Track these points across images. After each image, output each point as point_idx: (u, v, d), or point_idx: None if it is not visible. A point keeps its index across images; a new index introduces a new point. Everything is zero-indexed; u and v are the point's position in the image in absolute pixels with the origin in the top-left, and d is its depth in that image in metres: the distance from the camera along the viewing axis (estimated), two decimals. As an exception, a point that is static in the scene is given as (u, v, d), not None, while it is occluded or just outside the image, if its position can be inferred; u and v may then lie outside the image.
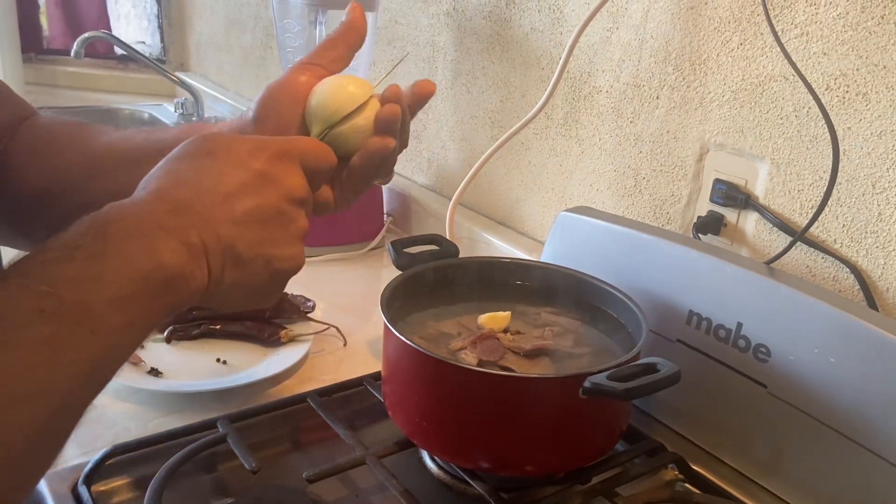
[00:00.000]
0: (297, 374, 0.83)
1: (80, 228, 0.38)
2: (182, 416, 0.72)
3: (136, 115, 2.00)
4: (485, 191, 1.16)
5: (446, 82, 1.21)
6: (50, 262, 0.36)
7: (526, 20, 1.04)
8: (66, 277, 0.36)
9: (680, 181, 0.86)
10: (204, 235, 0.41)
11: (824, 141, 0.70)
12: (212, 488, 0.65)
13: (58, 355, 0.34)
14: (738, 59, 0.77)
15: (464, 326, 0.71)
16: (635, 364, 0.58)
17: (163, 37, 2.26)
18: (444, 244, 0.78)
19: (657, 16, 0.85)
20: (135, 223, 0.39)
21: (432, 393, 0.62)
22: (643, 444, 0.70)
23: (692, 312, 0.70)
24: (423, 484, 0.66)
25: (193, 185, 0.42)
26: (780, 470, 0.65)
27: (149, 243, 0.39)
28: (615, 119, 0.93)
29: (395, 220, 1.29)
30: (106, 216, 0.39)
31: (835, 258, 0.71)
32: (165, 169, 0.44)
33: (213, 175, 0.43)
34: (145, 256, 0.38)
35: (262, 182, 0.44)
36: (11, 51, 1.99)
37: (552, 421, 0.60)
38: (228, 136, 0.46)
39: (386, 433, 0.70)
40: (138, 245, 0.38)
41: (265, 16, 1.77)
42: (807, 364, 0.62)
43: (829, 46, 0.69)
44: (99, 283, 0.36)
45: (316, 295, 0.95)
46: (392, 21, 1.32)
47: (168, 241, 0.39)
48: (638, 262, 0.75)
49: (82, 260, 0.36)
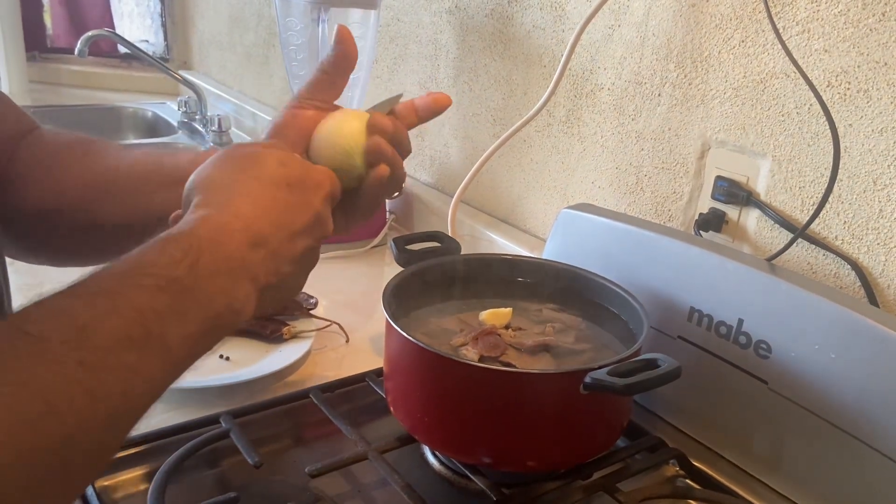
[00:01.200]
0: (299, 370, 0.83)
1: (175, 253, 0.39)
2: (185, 411, 0.72)
3: (140, 113, 2.00)
4: (487, 188, 1.16)
5: (448, 80, 1.21)
6: (145, 287, 0.37)
7: (528, 18, 1.04)
8: (155, 309, 0.37)
9: (681, 178, 0.86)
10: (270, 274, 0.44)
11: (825, 138, 0.70)
12: (215, 483, 0.65)
13: (132, 384, 0.36)
14: (740, 56, 0.77)
15: (465, 323, 0.71)
16: (636, 360, 0.58)
17: (166, 35, 2.26)
18: (445, 241, 0.78)
19: (659, 13, 0.85)
20: (224, 258, 0.41)
21: (434, 389, 0.63)
22: (644, 440, 0.70)
23: (693, 309, 0.70)
24: (425, 479, 0.66)
25: (270, 219, 0.44)
26: (780, 466, 0.65)
27: (231, 283, 0.41)
28: (617, 116, 0.93)
29: (397, 218, 1.30)
30: (200, 243, 0.40)
31: (836, 255, 0.71)
32: (244, 185, 0.44)
33: (287, 211, 0.45)
34: (223, 297, 0.40)
35: (317, 224, 0.47)
36: (15, 49, 2.00)
37: (553, 417, 0.60)
38: (297, 163, 0.48)
39: (388, 429, 0.70)
40: (221, 283, 0.40)
41: (268, 14, 1.77)
42: (808, 360, 0.62)
43: (831, 43, 0.69)
44: (181, 320, 0.38)
45: (318, 292, 0.95)
46: (394, 19, 1.32)
47: (244, 283, 0.42)
48: (639, 259, 0.75)
49: (174, 293, 0.38)
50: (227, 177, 0.45)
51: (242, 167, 0.45)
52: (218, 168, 0.46)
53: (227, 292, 0.40)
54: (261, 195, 0.44)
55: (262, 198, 0.44)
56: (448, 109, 0.59)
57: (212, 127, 1.68)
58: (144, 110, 2.00)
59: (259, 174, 0.45)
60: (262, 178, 0.45)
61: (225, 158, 0.46)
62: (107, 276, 0.37)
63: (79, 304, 0.35)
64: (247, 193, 0.44)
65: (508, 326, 0.70)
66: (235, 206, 0.43)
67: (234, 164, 0.46)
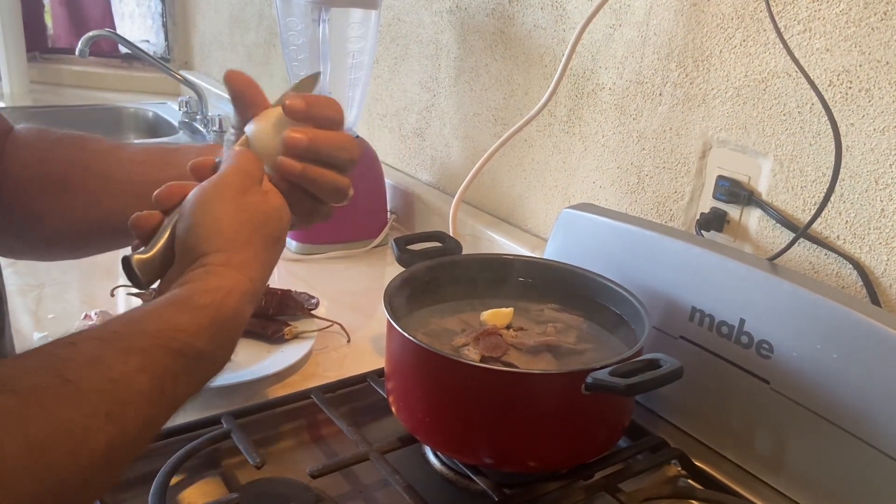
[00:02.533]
0: (300, 370, 0.83)
1: (203, 321, 0.43)
2: (186, 412, 0.71)
3: (141, 113, 2.01)
4: (488, 188, 1.16)
5: (449, 80, 1.21)
6: (171, 351, 0.41)
7: (529, 17, 1.04)
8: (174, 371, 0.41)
9: (683, 178, 0.86)
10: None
11: (827, 137, 0.70)
12: (216, 484, 0.65)
13: (144, 436, 0.40)
14: (741, 55, 0.77)
15: (467, 323, 0.71)
16: (638, 360, 0.58)
17: (167, 35, 2.27)
18: (447, 241, 0.78)
19: (660, 13, 0.85)
20: (239, 325, 0.46)
21: (435, 389, 0.63)
22: (646, 441, 0.70)
23: (695, 309, 0.70)
24: (426, 480, 0.66)
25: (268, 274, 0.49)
26: (782, 466, 0.65)
27: (234, 343, 0.46)
28: (618, 116, 0.93)
29: (398, 218, 1.30)
30: (224, 317, 0.44)
31: (838, 254, 0.71)
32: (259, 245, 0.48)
33: (275, 260, 0.50)
34: (226, 358, 0.47)
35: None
36: (16, 50, 2.00)
37: (555, 417, 0.60)
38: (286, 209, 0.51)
39: (389, 429, 0.70)
40: (230, 347, 0.46)
41: (269, 14, 1.78)
42: (810, 360, 0.62)
43: (832, 43, 0.69)
44: (192, 381, 0.43)
45: (320, 292, 0.95)
46: (395, 19, 1.32)
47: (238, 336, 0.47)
48: (641, 258, 0.75)
49: (192, 359, 0.42)
50: (245, 235, 0.47)
51: (256, 225, 0.47)
52: (237, 221, 0.47)
53: (230, 352, 0.46)
54: (267, 256, 0.48)
55: (269, 258, 0.48)
56: (449, 110, 0.59)
57: (213, 127, 1.68)
58: (145, 110, 2.00)
59: (269, 232, 0.48)
60: (270, 236, 0.48)
61: (240, 208, 0.47)
62: (139, 333, 0.40)
63: (112, 355, 0.39)
64: (260, 255, 0.47)
65: (510, 326, 0.70)
66: (253, 269, 0.46)
67: (251, 219, 0.47)
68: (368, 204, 1.20)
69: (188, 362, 0.41)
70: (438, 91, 1.24)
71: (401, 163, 1.38)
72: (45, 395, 0.35)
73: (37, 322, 0.89)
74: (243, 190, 0.48)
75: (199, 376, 0.44)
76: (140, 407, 0.39)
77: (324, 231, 1.15)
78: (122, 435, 0.37)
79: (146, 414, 0.39)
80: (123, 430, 0.37)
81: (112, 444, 0.37)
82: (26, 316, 0.91)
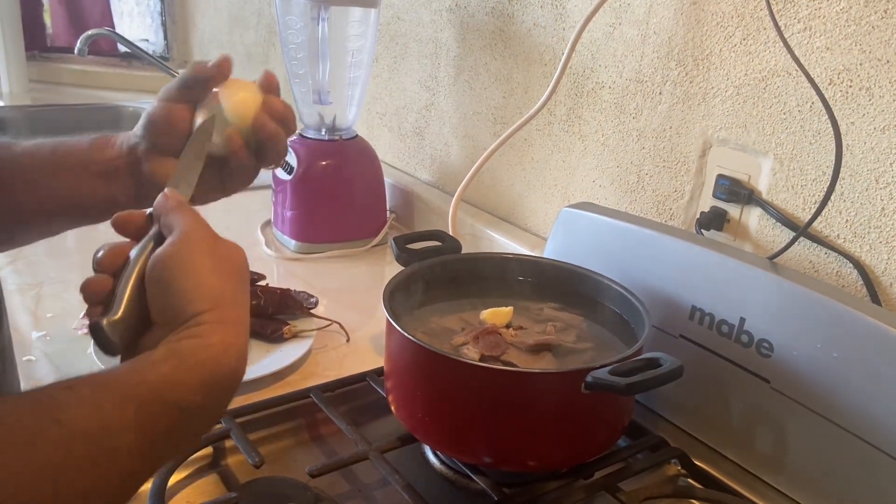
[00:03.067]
0: (300, 369, 0.83)
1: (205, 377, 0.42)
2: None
3: (140, 112, 1.98)
4: (487, 187, 1.16)
5: (449, 79, 1.21)
6: (168, 404, 0.40)
7: (528, 16, 1.04)
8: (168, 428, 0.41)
9: (683, 177, 0.86)
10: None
11: (827, 136, 0.70)
12: (215, 483, 0.65)
13: (128, 487, 0.40)
14: (741, 54, 0.77)
15: (466, 322, 0.71)
16: (637, 359, 0.58)
17: (166, 34, 2.26)
18: (446, 240, 0.78)
19: (660, 11, 0.85)
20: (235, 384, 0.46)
21: (435, 388, 0.62)
22: (646, 440, 0.70)
23: (695, 308, 0.70)
24: (426, 479, 0.66)
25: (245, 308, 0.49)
26: (782, 465, 0.65)
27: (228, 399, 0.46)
28: (618, 115, 0.93)
29: (397, 217, 1.30)
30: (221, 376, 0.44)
31: (838, 253, 0.71)
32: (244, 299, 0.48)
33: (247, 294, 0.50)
34: (220, 413, 0.46)
35: None
36: (15, 49, 2.00)
37: (554, 416, 0.60)
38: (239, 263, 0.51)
39: (388, 428, 0.70)
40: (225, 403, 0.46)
41: (268, 13, 1.77)
42: (810, 359, 0.62)
43: (833, 41, 0.69)
44: (183, 435, 0.43)
45: (319, 291, 0.95)
46: (395, 17, 1.32)
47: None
48: (641, 257, 0.75)
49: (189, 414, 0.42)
50: (230, 289, 0.47)
51: (231, 274, 0.48)
52: (218, 277, 0.47)
53: (224, 409, 0.46)
54: (245, 300, 0.48)
55: (247, 303, 0.48)
56: (448, 108, 0.61)
57: (212, 126, 1.67)
58: (144, 109, 1.99)
59: (243, 277, 0.49)
60: (244, 281, 0.49)
61: (217, 263, 0.47)
62: (138, 384, 0.40)
63: (109, 403, 0.38)
64: (245, 305, 0.48)
65: (509, 325, 0.70)
66: (244, 324, 0.47)
67: (228, 271, 0.48)
68: (368, 203, 1.20)
69: (184, 416, 0.41)
70: (438, 90, 1.24)
71: (400, 162, 1.38)
72: (37, 438, 0.35)
73: (35, 321, 0.89)
74: (212, 243, 0.48)
75: (196, 429, 0.44)
76: (126, 459, 0.38)
77: (323, 230, 1.15)
78: (106, 484, 0.37)
79: (133, 468, 0.39)
80: (107, 480, 0.37)
81: (97, 490, 0.37)
82: (25, 315, 0.90)
